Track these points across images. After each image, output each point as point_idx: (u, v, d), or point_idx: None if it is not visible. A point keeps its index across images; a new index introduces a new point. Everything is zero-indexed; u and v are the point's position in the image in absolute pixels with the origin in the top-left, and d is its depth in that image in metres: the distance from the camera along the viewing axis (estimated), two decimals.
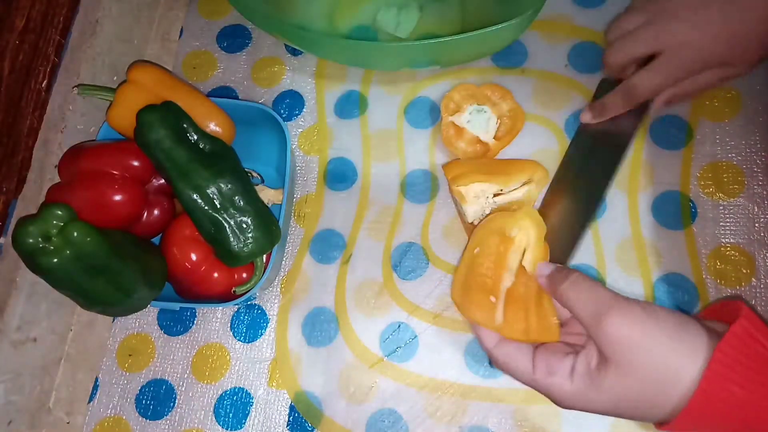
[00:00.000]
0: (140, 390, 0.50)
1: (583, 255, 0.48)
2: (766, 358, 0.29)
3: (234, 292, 0.47)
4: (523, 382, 0.36)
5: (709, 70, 0.43)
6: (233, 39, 0.61)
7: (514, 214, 0.41)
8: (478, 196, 0.46)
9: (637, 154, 0.51)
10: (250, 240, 0.45)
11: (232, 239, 0.45)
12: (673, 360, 0.30)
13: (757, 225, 0.47)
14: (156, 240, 0.50)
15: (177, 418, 0.49)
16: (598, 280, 0.37)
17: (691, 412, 0.30)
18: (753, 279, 0.46)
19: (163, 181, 0.48)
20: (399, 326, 0.49)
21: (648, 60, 0.44)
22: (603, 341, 0.32)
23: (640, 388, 0.31)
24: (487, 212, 0.47)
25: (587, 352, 0.33)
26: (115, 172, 0.45)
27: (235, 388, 0.50)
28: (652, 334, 0.31)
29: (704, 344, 0.30)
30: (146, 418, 0.49)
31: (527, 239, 0.40)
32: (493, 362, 0.39)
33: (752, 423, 0.29)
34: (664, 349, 0.30)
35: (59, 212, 0.40)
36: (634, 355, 0.31)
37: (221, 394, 0.50)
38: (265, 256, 0.47)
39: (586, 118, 0.50)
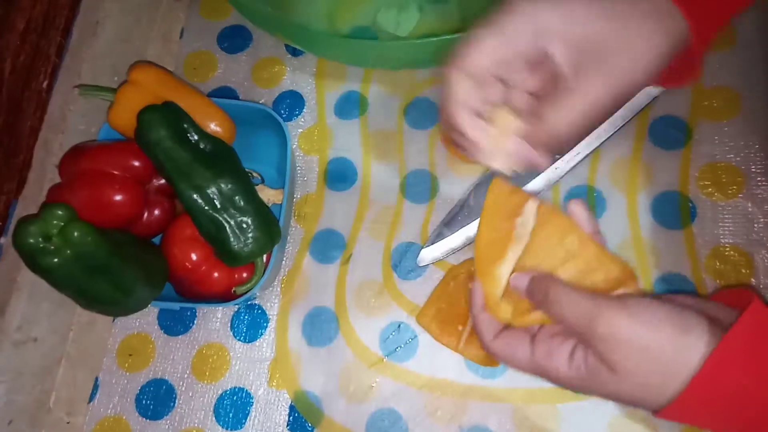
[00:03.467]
0: (140, 390, 0.50)
1: None
2: None
3: (234, 292, 0.47)
4: (524, 370, 0.36)
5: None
6: (234, 39, 0.61)
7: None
8: None
9: (637, 155, 0.51)
10: (251, 240, 0.46)
11: (232, 239, 0.45)
12: (673, 354, 0.30)
13: (756, 225, 0.47)
14: (156, 240, 0.51)
15: (177, 418, 0.49)
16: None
17: (690, 395, 0.29)
18: (752, 279, 0.46)
19: (163, 181, 0.48)
20: (399, 326, 0.49)
21: None
22: (598, 346, 0.31)
23: (636, 386, 0.31)
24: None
25: (584, 345, 0.33)
26: (115, 172, 0.46)
27: (235, 388, 0.50)
28: (649, 335, 0.30)
29: (705, 334, 0.30)
30: (146, 418, 0.49)
31: None
32: (492, 355, 0.37)
33: (755, 416, 0.29)
34: (664, 345, 0.30)
35: (60, 212, 0.40)
36: (630, 358, 0.30)
37: (221, 394, 0.50)
38: (265, 256, 0.47)
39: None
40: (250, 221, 0.46)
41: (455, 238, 0.49)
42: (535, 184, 0.49)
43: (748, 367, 0.28)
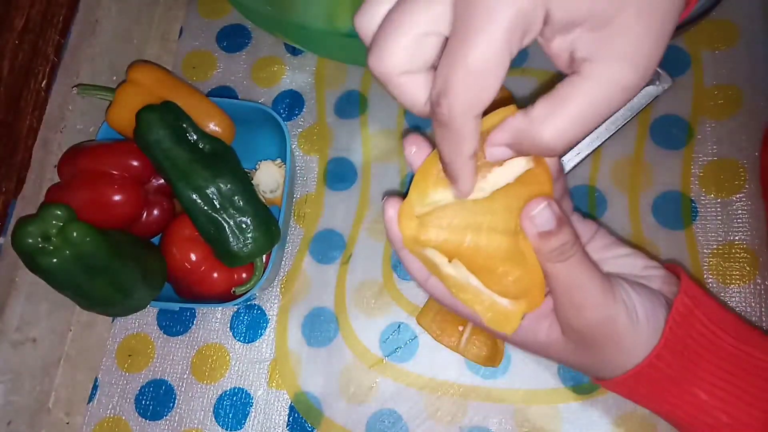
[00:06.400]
0: (140, 390, 0.50)
1: None
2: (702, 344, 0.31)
3: (234, 292, 0.47)
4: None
5: None
6: (233, 39, 0.61)
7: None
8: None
9: (638, 154, 0.50)
10: (250, 240, 0.45)
11: (231, 239, 0.45)
12: (636, 338, 0.31)
13: (759, 223, 0.47)
14: (156, 240, 0.50)
15: (176, 418, 0.49)
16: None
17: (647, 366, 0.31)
18: (757, 277, 0.45)
19: (162, 181, 0.48)
20: (399, 326, 0.49)
21: None
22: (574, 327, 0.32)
23: (598, 358, 0.32)
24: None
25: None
26: (114, 172, 0.45)
27: (234, 388, 0.50)
28: (624, 324, 0.31)
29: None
30: (146, 419, 0.49)
31: None
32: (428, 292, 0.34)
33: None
34: (630, 332, 0.31)
35: (58, 212, 0.40)
36: (602, 341, 0.31)
37: (221, 395, 0.49)
38: (264, 256, 0.47)
39: None
40: (249, 221, 0.45)
41: None
42: None
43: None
